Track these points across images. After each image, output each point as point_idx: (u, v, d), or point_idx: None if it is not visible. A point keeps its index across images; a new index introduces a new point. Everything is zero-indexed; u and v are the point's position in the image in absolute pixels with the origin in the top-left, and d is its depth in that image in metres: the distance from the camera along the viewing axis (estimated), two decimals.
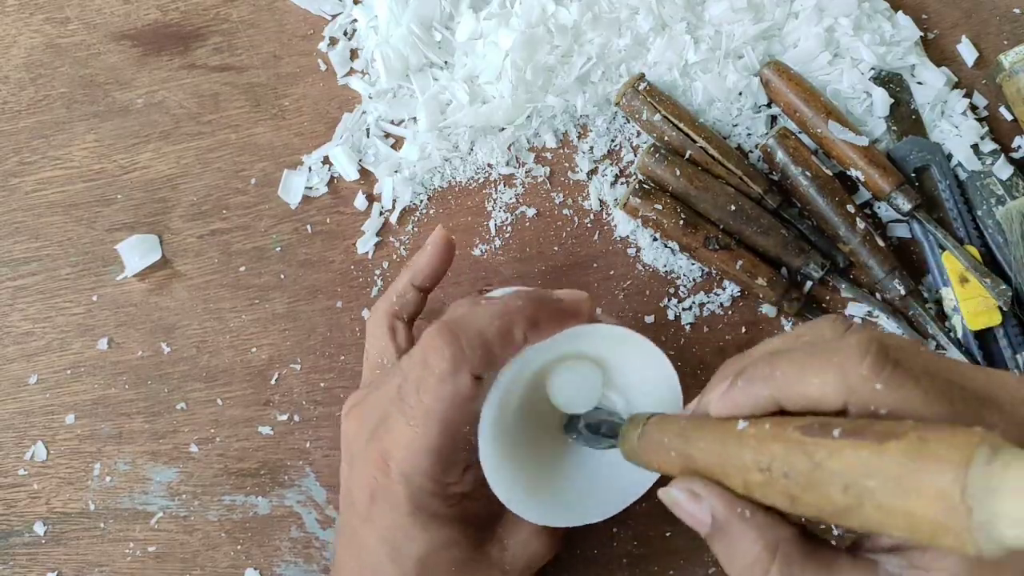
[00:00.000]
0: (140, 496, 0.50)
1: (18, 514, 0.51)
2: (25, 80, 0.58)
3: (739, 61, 0.53)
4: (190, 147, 0.55)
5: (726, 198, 0.50)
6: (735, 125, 0.53)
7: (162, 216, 0.55)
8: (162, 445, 0.51)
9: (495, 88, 0.53)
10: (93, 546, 0.50)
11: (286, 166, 0.54)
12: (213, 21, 0.57)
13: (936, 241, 0.49)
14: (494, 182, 0.53)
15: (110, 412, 0.52)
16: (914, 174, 0.51)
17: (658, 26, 0.53)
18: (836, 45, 0.53)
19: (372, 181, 0.54)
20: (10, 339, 0.54)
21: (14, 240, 0.55)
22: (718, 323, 0.50)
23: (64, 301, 0.54)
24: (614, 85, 0.53)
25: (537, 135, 0.54)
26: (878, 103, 0.51)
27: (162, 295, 0.53)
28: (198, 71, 0.57)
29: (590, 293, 0.51)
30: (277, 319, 0.52)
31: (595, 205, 0.52)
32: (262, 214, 0.54)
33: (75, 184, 0.56)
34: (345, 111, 0.55)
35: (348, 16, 0.56)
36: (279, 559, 0.49)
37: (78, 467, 0.51)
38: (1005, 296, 0.47)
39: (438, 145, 0.53)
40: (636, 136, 0.53)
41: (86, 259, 0.54)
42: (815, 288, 0.51)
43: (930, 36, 0.54)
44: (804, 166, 0.50)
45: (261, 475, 0.50)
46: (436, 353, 0.35)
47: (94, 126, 0.56)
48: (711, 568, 0.47)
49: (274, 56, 0.57)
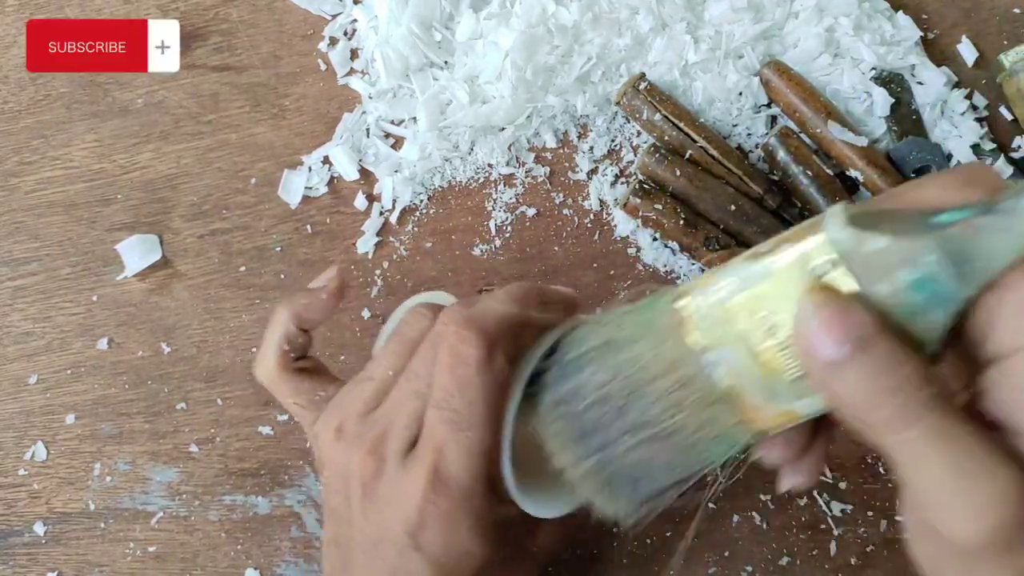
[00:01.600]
0: (140, 496, 0.50)
1: (18, 514, 0.51)
2: (25, 80, 0.58)
3: (739, 61, 0.53)
4: (190, 147, 0.55)
5: (726, 198, 0.50)
6: (735, 125, 0.53)
7: (162, 216, 0.55)
8: (162, 445, 0.51)
9: (495, 88, 0.53)
10: (93, 546, 0.50)
11: (286, 166, 0.54)
12: (213, 21, 0.57)
13: None
14: (494, 182, 0.53)
15: (110, 412, 0.52)
16: (914, 174, 0.51)
17: (658, 26, 0.53)
18: (836, 45, 0.53)
19: (372, 181, 0.54)
20: (10, 339, 0.54)
21: (14, 240, 0.55)
22: None
23: (64, 301, 0.54)
24: (614, 85, 0.53)
25: (537, 135, 0.54)
26: (878, 103, 0.51)
27: (162, 295, 0.53)
28: (198, 71, 0.57)
29: (590, 293, 0.51)
30: None
31: (595, 205, 0.52)
32: (262, 214, 0.54)
33: (75, 184, 0.56)
34: (345, 111, 0.55)
35: (348, 16, 0.56)
36: (279, 559, 0.49)
37: (78, 467, 0.51)
38: None
39: (438, 145, 0.53)
40: (636, 136, 0.53)
41: (86, 259, 0.54)
42: None
43: (930, 36, 0.54)
44: (805, 165, 0.50)
45: (261, 475, 0.50)
46: (466, 344, 0.33)
47: (94, 126, 0.56)
48: (711, 568, 0.47)
49: (274, 56, 0.57)
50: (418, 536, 0.33)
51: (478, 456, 0.33)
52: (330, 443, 0.36)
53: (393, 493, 0.34)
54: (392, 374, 0.36)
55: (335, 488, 0.36)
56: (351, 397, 0.37)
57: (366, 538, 0.35)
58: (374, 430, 0.35)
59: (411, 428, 0.34)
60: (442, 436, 0.33)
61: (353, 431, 0.35)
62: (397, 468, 0.34)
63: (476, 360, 0.33)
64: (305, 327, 0.39)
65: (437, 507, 0.33)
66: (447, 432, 0.33)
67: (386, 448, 0.34)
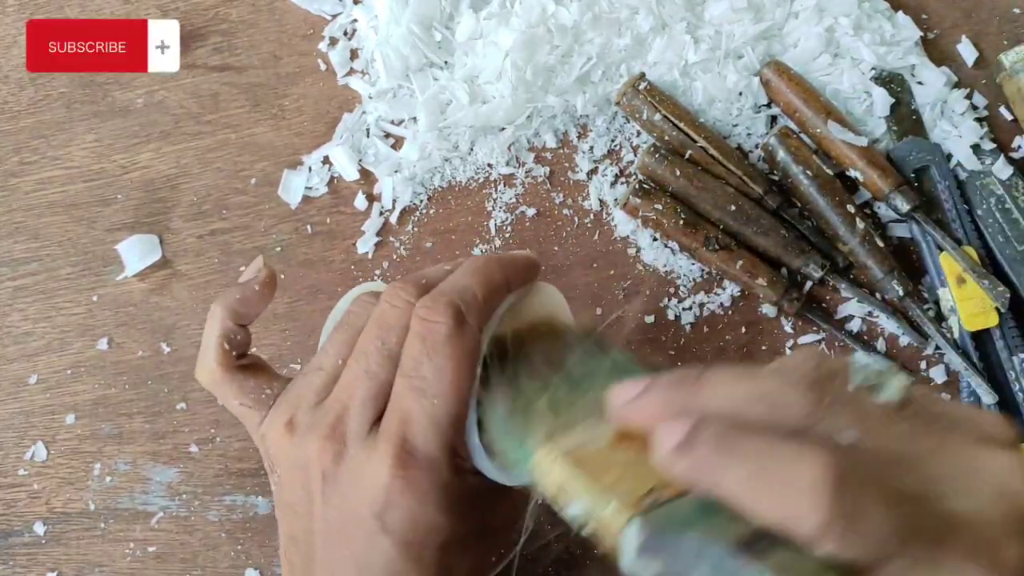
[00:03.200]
0: (140, 496, 0.50)
1: (18, 514, 0.51)
2: (25, 80, 0.58)
3: (739, 61, 0.53)
4: (190, 147, 0.55)
5: (726, 198, 0.50)
6: (735, 125, 0.53)
7: (162, 216, 0.55)
8: (162, 445, 0.51)
9: (495, 88, 0.53)
10: (93, 546, 0.50)
11: (286, 166, 0.54)
12: (213, 21, 0.57)
13: (934, 242, 0.49)
14: (494, 182, 0.53)
15: (110, 412, 0.52)
16: (914, 175, 0.51)
17: (658, 26, 0.53)
18: (836, 45, 0.53)
19: (372, 181, 0.54)
20: (10, 339, 0.54)
21: (14, 240, 0.55)
22: (718, 323, 0.50)
23: (64, 301, 0.54)
24: (614, 85, 0.53)
25: (537, 135, 0.54)
26: (878, 103, 0.51)
27: (162, 295, 0.53)
28: (198, 71, 0.57)
29: (590, 293, 0.51)
30: (277, 319, 0.52)
31: (595, 205, 0.52)
32: (262, 214, 0.54)
33: (75, 184, 0.56)
34: (345, 111, 0.55)
35: (348, 16, 0.56)
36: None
37: (78, 467, 0.51)
38: (1003, 298, 0.47)
39: (438, 145, 0.53)
40: (636, 136, 0.53)
41: (86, 259, 0.54)
42: (815, 288, 0.51)
43: (930, 36, 0.54)
44: (805, 165, 0.50)
45: (261, 475, 0.50)
46: (436, 314, 0.33)
47: (94, 126, 0.56)
48: None
49: (274, 56, 0.57)
50: (385, 517, 0.33)
51: (446, 425, 0.33)
52: (281, 437, 0.35)
53: (357, 475, 0.33)
54: (341, 363, 0.36)
55: (291, 483, 0.35)
56: (300, 390, 0.36)
57: (329, 527, 0.34)
58: (329, 416, 0.34)
59: (368, 407, 0.34)
60: (409, 404, 0.33)
61: (306, 421, 0.35)
62: (359, 448, 0.33)
63: (446, 328, 0.33)
64: (242, 322, 0.38)
65: (404, 480, 0.32)
66: (414, 400, 0.33)
67: (346, 430, 0.34)
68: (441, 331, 0.33)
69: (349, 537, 0.34)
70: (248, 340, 0.39)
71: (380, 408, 0.34)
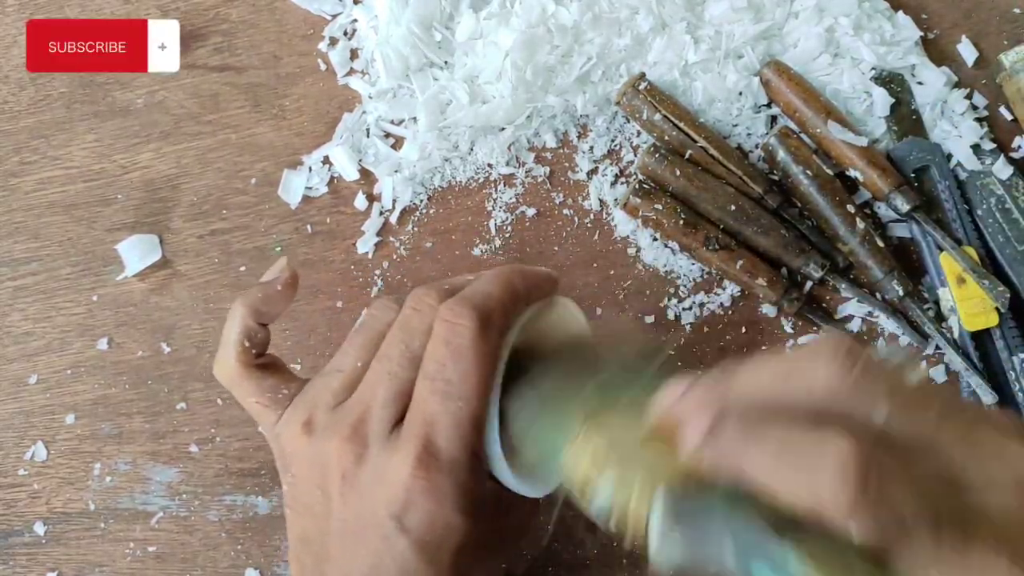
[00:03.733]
0: (140, 496, 0.50)
1: (18, 514, 0.51)
2: (25, 80, 0.58)
3: (739, 61, 0.53)
4: (190, 147, 0.55)
5: (726, 198, 0.50)
6: (735, 125, 0.53)
7: (162, 216, 0.55)
8: (162, 445, 0.51)
9: (495, 88, 0.53)
10: (93, 546, 0.50)
11: (286, 166, 0.54)
12: (213, 21, 0.57)
13: (934, 242, 0.49)
14: (494, 182, 0.53)
15: (110, 412, 0.52)
16: (914, 175, 0.51)
17: (658, 26, 0.53)
18: (836, 45, 0.53)
19: (372, 181, 0.54)
20: (10, 339, 0.54)
21: (14, 240, 0.55)
22: (718, 323, 0.50)
23: (64, 301, 0.54)
24: (614, 85, 0.53)
25: (537, 135, 0.54)
26: (878, 103, 0.51)
27: (162, 295, 0.53)
28: (198, 71, 0.57)
29: (590, 293, 0.51)
30: (277, 319, 0.52)
31: (595, 205, 0.52)
32: (262, 214, 0.54)
33: (75, 184, 0.56)
34: (345, 111, 0.55)
35: (348, 16, 0.56)
36: (279, 559, 0.49)
37: (78, 467, 0.51)
38: (1003, 298, 0.47)
39: (438, 145, 0.53)
40: (636, 136, 0.53)
41: (86, 259, 0.54)
42: (815, 288, 0.51)
43: (930, 36, 0.54)
44: (805, 165, 0.50)
45: (261, 475, 0.50)
46: (460, 317, 0.34)
47: (94, 126, 0.56)
48: None
49: (274, 56, 0.57)
50: (403, 518, 0.33)
51: (468, 428, 0.33)
52: (297, 437, 0.35)
53: (378, 476, 0.33)
54: (360, 365, 0.36)
55: (307, 483, 0.35)
56: (318, 390, 0.37)
57: (345, 527, 0.34)
58: (350, 417, 0.34)
59: (390, 409, 0.34)
60: (433, 407, 0.33)
61: (324, 422, 0.35)
62: (381, 449, 0.34)
63: (471, 332, 0.33)
64: (263, 321, 0.39)
65: (426, 481, 0.33)
66: (438, 403, 0.33)
67: (367, 431, 0.34)
68: (465, 335, 0.34)
69: (365, 537, 0.34)
70: (267, 339, 0.39)
71: (401, 410, 0.35)
